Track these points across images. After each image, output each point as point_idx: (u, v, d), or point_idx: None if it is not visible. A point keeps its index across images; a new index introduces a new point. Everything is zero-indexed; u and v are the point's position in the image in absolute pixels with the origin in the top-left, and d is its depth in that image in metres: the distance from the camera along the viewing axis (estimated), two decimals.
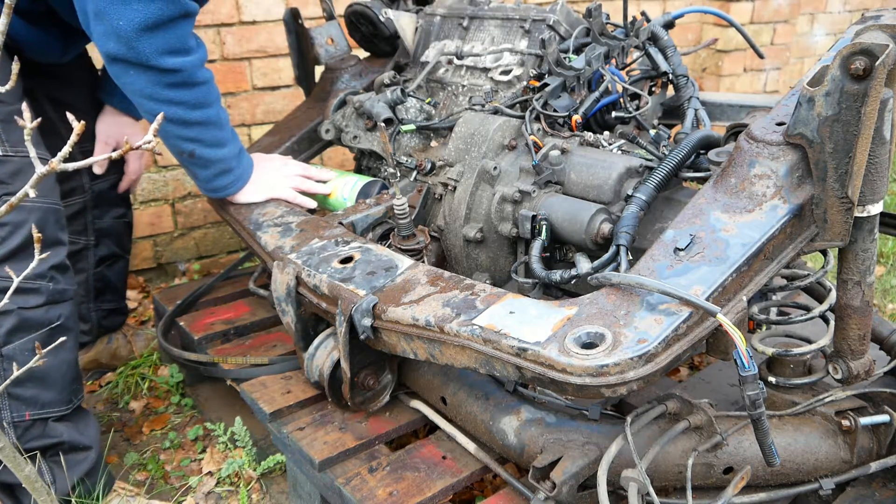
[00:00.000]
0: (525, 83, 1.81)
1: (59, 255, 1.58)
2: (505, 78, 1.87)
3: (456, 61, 1.98)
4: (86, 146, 1.97)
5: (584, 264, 1.42)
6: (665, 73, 1.87)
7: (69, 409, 1.60)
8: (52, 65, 1.83)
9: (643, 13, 1.90)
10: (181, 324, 2.06)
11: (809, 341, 1.39)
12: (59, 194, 1.64)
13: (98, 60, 1.84)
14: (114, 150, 1.98)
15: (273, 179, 1.85)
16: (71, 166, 0.82)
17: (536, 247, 1.48)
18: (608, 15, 1.89)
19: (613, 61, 1.86)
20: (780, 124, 1.21)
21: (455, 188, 1.66)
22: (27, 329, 1.50)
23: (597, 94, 1.75)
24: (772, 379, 1.37)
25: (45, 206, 1.56)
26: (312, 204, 1.88)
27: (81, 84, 1.98)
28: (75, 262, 2.05)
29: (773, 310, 1.49)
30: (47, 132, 1.70)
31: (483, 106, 1.79)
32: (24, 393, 1.51)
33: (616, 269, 1.32)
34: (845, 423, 1.30)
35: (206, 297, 2.21)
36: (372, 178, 1.89)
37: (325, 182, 1.91)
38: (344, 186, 1.89)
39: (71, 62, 1.89)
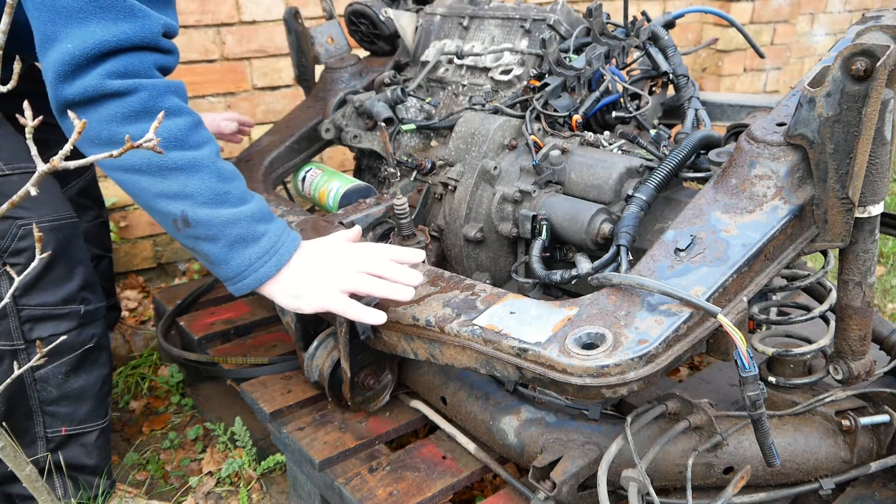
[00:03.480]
0: (525, 83, 1.81)
1: (87, 273, 1.50)
2: (505, 77, 1.87)
3: (456, 61, 1.98)
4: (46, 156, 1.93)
5: (584, 264, 1.42)
6: (665, 73, 1.87)
7: (105, 423, 1.60)
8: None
9: (643, 13, 1.90)
10: (181, 324, 2.06)
11: (809, 341, 1.39)
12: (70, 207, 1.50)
13: None
14: None
15: (332, 273, 1.27)
16: (73, 164, 0.81)
17: (537, 247, 1.48)
18: (608, 15, 1.88)
19: (614, 61, 1.85)
20: (780, 125, 1.21)
21: (455, 188, 1.66)
22: (59, 353, 1.47)
23: (597, 93, 1.75)
24: (772, 379, 1.37)
25: (62, 222, 1.43)
26: (376, 320, 1.25)
27: (33, 94, 1.89)
28: None
29: (774, 310, 1.49)
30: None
31: (483, 105, 1.79)
32: (59, 410, 1.51)
33: (616, 269, 1.32)
34: (845, 423, 1.30)
35: (206, 297, 2.20)
36: (355, 185, 1.87)
37: (411, 286, 1.26)
38: (329, 192, 1.88)
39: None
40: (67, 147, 0.77)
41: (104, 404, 1.59)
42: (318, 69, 2.25)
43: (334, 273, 1.26)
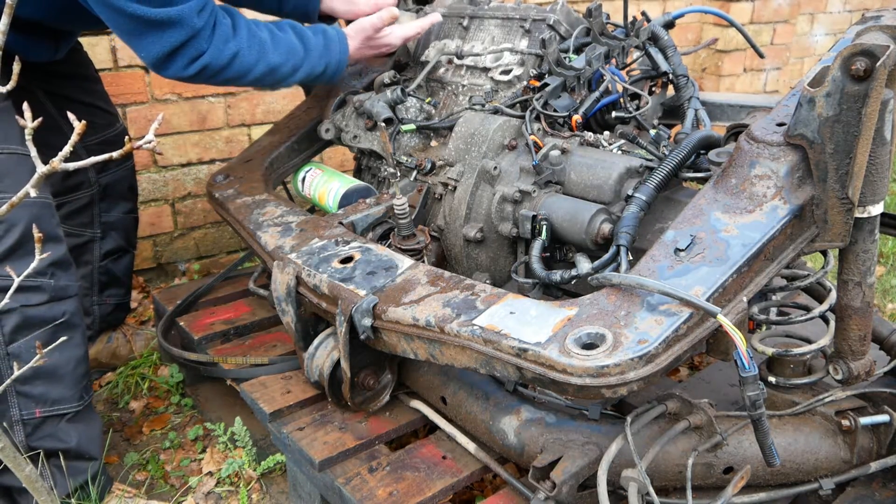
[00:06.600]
0: (525, 83, 1.81)
1: (58, 252, 1.56)
2: (505, 77, 1.87)
3: (456, 61, 1.98)
4: (87, 140, 1.96)
5: (584, 264, 1.42)
6: (665, 73, 1.87)
7: (81, 406, 1.59)
8: (45, 62, 1.82)
9: (643, 13, 1.90)
10: (181, 324, 2.06)
11: (809, 341, 1.39)
12: (51, 189, 1.62)
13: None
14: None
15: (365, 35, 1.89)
16: (72, 166, 0.82)
17: (536, 247, 1.48)
18: (608, 15, 1.88)
19: (613, 61, 1.85)
20: (780, 125, 1.21)
21: (455, 188, 1.66)
22: (31, 327, 1.50)
23: (597, 93, 1.75)
24: (772, 379, 1.38)
25: (37, 202, 1.53)
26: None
27: (77, 76, 1.97)
28: (80, 255, 2.05)
29: (774, 310, 1.49)
30: (47, 128, 1.68)
31: (483, 105, 1.79)
32: (32, 390, 1.51)
33: (616, 269, 1.32)
34: (845, 423, 1.30)
35: (206, 297, 2.21)
36: (355, 186, 1.88)
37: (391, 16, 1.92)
38: (329, 193, 1.88)
39: (64, 57, 1.87)
40: (67, 149, 0.77)
41: (80, 387, 1.59)
42: None
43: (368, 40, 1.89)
